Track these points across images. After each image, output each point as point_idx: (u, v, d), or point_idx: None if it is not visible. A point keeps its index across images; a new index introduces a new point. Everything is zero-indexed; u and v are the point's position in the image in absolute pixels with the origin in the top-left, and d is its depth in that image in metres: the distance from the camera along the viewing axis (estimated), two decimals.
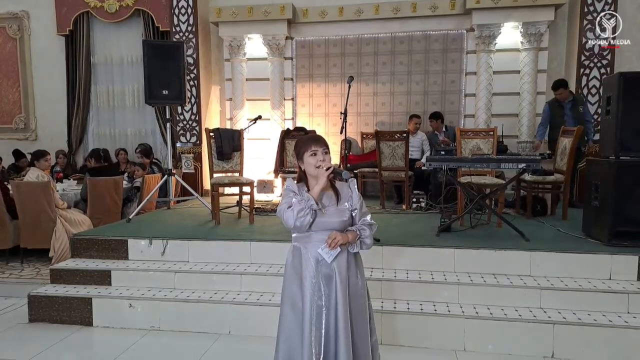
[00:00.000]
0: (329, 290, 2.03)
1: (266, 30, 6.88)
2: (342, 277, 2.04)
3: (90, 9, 7.37)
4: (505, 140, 6.13)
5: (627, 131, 3.57)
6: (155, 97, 5.16)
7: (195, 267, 3.80)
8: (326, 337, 2.00)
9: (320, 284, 2.03)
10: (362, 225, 2.10)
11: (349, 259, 2.09)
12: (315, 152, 2.06)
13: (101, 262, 3.97)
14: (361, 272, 2.17)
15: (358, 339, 2.07)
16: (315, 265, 2.04)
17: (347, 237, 2.03)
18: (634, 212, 3.50)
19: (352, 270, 2.10)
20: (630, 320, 3.02)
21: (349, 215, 2.10)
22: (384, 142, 5.47)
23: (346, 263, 2.07)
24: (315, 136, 2.17)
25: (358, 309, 2.09)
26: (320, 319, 2.01)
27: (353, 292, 2.07)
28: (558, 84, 5.58)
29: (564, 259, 3.43)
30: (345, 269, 2.06)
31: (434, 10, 6.57)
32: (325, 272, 2.04)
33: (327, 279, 2.03)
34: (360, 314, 2.10)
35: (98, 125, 7.88)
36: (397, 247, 3.68)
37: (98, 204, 5.29)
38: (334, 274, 2.03)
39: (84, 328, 3.56)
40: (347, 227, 2.08)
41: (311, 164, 2.05)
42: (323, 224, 2.04)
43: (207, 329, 3.42)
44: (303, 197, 2.00)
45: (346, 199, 2.11)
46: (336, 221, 2.05)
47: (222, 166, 5.05)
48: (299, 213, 1.97)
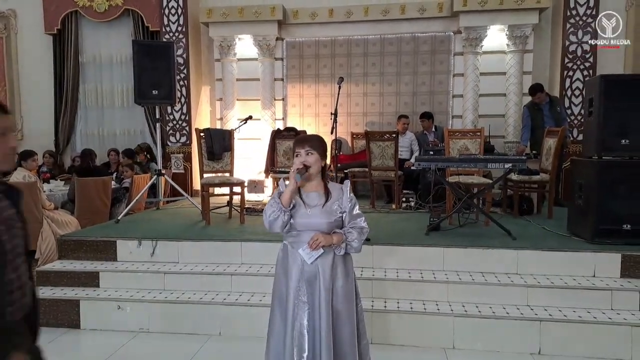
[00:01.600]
0: (313, 289, 2.04)
1: (257, 31, 6.88)
2: (325, 277, 2.04)
3: (79, 8, 7.30)
4: (492, 141, 6.22)
5: (609, 131, 3.66)
6: (145, 97, 5.14)
7: (185, 267, 3.79)
8: (309, 335, 2.01)
9: (304, 283, 2.04)
10: (350, 228, 2.09)
11: (335, 261, 2.08)
12: (298, 153, 2.07)
13: (89, 263, 3.93)
14: (349, 274, 2.14)
15: (343, 340, 2.06)
16: (301, 263, 2.05)
17: (331, 239, 2.03)
18: (616, 210, 3.58)
19: (338, 272, 2.09)
20: (614, 316, 3.10)
21: (338, 217, 2.09)
22: (374, 142, 5.51)
23: (331, 264, 2.06)
24: (302, 137, 2.16)
25: (344, 310, 2.07)
26: (302, 317, 2.02)
27: (338, 294, 2.07)
28: (535, 89, 5.70)
29: (549, 257, 3.50)
30: (329, 270, 2.05)
31: (422, 12, 6.64)
32: (309, 272, 2.05)
33: (311, 278, 2.05)
34: (347, 315, 2.08)
35: (86, 125, 7.81)
36: (387, 247, 3.72)
37: (86, 204, 5.25)
38: (318, 274, 2.04)
39: (71, 331, 3.53)
40: (334, 228, 2.07)
41: (295, 164, 2.07)
42: (309, 224, 2.05)
43: (197, 331, 3.41)
44: (274, 199, 2.03)
45: (336, 200, 2.10)
46: (323, 222, 2.05)
47: (212, 166, 5.04)
48: (270, 215, 2.02)
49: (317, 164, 2.07)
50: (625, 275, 3.38)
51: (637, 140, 3.63)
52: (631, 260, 3.38)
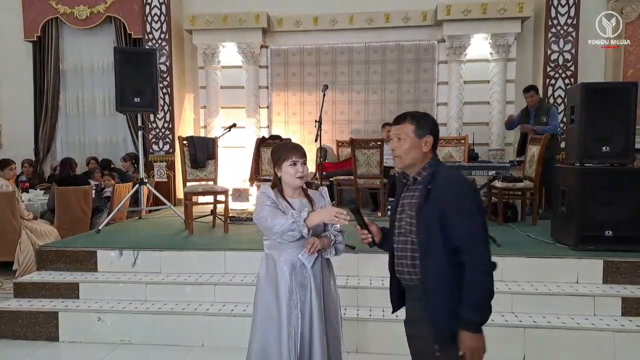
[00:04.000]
0: (304, 296, 2.06)
1: (241, 39, 6.86)
2: (317, 282, 2.08)
3: (59, 15, 7.21)
4: (476, 148, 6.26)
5: (590, 139, 3.71)
6: (127, 105, 5.07)
7: (167, 278, 3.71)
8: (302, 342, 2.03)
9: (295, 291, 2.05)
10: (335, 230, 2.15)
11: (323, 264, 2.14)
12: (296, 162, 2.06)
13: (69, 274, 3.84)
14: (333, 277, 2.23)
15: (331, 343, 2.12)
16: (290, 272, 2.06)
17: (324, 242, 2.07)
18: (598, 216, 3.62)
19: (325, 275, 2.15)
20: (597, 322, 3.12)
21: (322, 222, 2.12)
22: (359, 150, 5.51)
23: (320, 268, 2.11)
24: (295, 145, 2.16)
25: (331, 313, 2.15)
26: (297, 326, 2.03)
27: (327, 297, 2.13)
28: (528, 87, 5.63)
29: (533, 263, 3.52)
30: (319, 274, 2.10)
31: (407, 21, 6.70)
32: (300, 279, 2.07)
33: (302, 285, 2.07)
34: (334, 318, 2.16)
35: (67, 133, 7.68)
36: (372, 255, 3.68)
37: (66, 214, 5.13)
38: (308, 280, 2.07)
39: (49, 343, 3.43)
40: (319, 234, 2.11)
41: (290, 173, 2.06)
42: None
43: (180, 342, 3.34)
44: (297, 222, 1.96)
45: (319, 205, 2.15)
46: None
47: (195, 174, 4.98)
48: (289, 231, 1.96)
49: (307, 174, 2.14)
50: (608, 281, 3.41)
51: (618, 147, 3.69)
52: (613, 266, 3.42)
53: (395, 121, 1.78)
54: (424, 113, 1.84)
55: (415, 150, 1.72)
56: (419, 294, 1.72)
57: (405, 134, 1.73)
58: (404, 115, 1.78)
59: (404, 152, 1.73)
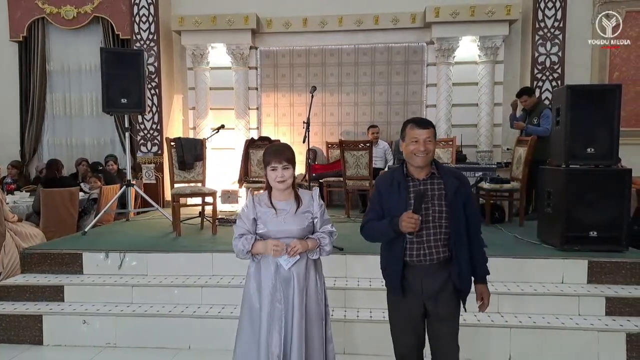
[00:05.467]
0: (287, 293, 2.10)
1: (230, 40, 6.84)
2: (299, 281, 2.12)
3: (45, 15, 7.13)
4: (464, 150, 6.31)
5: (575, 140, 3.74)
6: (114, 106, 5.03)
7: (154, 280, 3.68)
8: (284, 339, 2.07)
9: (278, 288, 2.10)
10: (322, 233, 2.18)
11: (308, 264, 2.17)
12: (275, 168, 2.11)
13: (54, 276, 3.79)
14: (320, 278, 2.25)
15: (312, 343, 2.15)
16: (274, 269, 2.12)
17: (307, 245, 2.11)
18: (583, 217, 3.65)
19: (311, 275, 2.18)
20: (581, 322, 3.15)
21: (310, 223, 2.17)
22: (348, 151, 5.52)
23: (305, 268, 2.15)
24: (278, 149, 2.18)
25: (315, 313, 2.17)
26: (279, 322, 2.08)
27: (311, 297, 2.16)
28: (519, 92, 5.61)
29: (520, 264, 3.54)
30: (303, 274, 2.14)
31: (396, 23, 6.73)
32: (283, 276, 2.12)
33: (285, 282, 2.11)
34: (317, 318, 2.18)
35: (54, 134, 7.59)
36: (361, 256, 3.70)
37: (52, 216, 5.07)
38: (292, 278, 2.11)
39: (33, 347, 3.39)
40: (306, 234, 2.15)
41: (271, 178, 2.13)
42: (282, 231, 2.12)
43: (166, 344, 3.31)
44: (246, 244, 2.11)
45: (307, 207, 2.18)
46: (295, 229, 2.12)
47: (183, 176, 4.95)
48: (238, 254, 2.16)
49: (292, 177, 2.16)
50: (592, 281, 3.45)
51: (602, 149, 3.73)
52: (597, 266, 3.45)
53: (423, 126, 2.03)
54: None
55: (435, 150, 2.09)
56: (443, 269, 2.05)
57: (432, 137, 2.04)
58: (428, 121, 2.08)
59: (434, 151, 2.06)
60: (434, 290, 2.06)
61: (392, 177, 2.08)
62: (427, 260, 2.04)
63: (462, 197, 2.04)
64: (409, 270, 2.07)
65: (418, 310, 2.10)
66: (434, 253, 2.03)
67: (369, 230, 2.14)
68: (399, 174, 2.08)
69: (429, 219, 2.02)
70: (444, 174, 2.06)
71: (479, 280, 2.14)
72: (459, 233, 2.03)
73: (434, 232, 2.02)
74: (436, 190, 2.04)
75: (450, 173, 2.09)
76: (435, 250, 2.03)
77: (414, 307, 2.09)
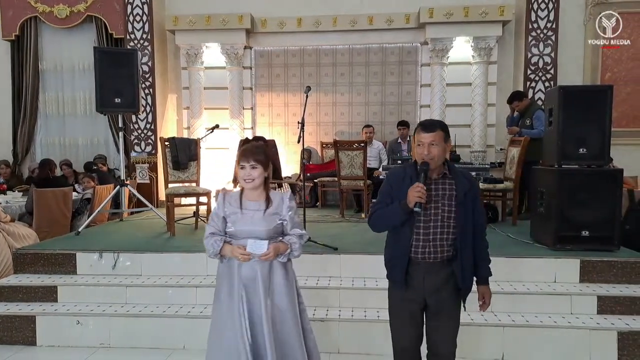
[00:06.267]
0: (251, 291, 2.16)
1: (224, 39, 6.83)
2: (264, 280, 2.17)
3: (38, 13, 7.08)
4: (458, 150, 6.33)
5: (568, 141, 3.77)
6: (108, 105, 5.01)
7: (148, 280, 3.67)
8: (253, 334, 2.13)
9: (243, 287, 2.16)
10: (293, 236, 2.21)
11: (274, 264, 2.21)
12: (243, 166, 2.15)
13: (47, 277, 3.77)
14: (288, 273, 2.27)
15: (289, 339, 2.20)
16: (239, 269, 2.17)
17: (279, 248, 2.16)
18: (575, 217, 3.69)
19: (277, 274, 2.22)
20: (573, 320, 3.18)
21: (278, 225, 2.20)
22: (343, 151, 5.53)
23: (269, 267, 2.19)
24: (248, 148, 2.21)
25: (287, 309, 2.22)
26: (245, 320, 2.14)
27: (279, 294, 2.21)
28: (510, 98, 5.65)
29: (513, 263, 3.57)
30: (267, 273, 2.19)
31: (390, 23, 6.75)
32: (248, 274, 2.16)
33: (249, 280, 2.16)
34: (288, 310, 2.22)
35: (46, 134, 7.54)
36: (355, 255, 3.71)
37: (45, 216, 5.04)
38: (257, 278, 2.16)
39: (26, 348, 3.37)
40: (274, 235, 2.18)
41: (240, 177, 2.17)
42: (249, 231, 2.15)
43: (160, 345, 3.31)
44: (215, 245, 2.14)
45: (277, 208, 2.20)
46: (262, 230, 2.15)
47: (177, 176, 4.94)
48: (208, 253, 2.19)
49: (261, 177, 2.16)
50: (584, 280, 3.48)
51: (594, 149, 3.76)
52: (589, 265, 3.49)
53: (428, 129, 2.05)
54: (444, 122, 2.17)
55: (444, 153, 2.08)
56: (446, 267, 2.10)
57: (438, 140, 2.04)
58: (433, 124, 2.09)
59: (438, 155, 2.04)
60: (435, 286, 2.09)
61: (405, 172, 2.11)
62: (431, 258, 2.07)
63: (471, 199, 2.08)
64: (412, 266, 2.10)
65: (418, 305, 2.13)
66: (439, 252, 2.07)
67: (377, 217, 2.16)
68: (412, 170, 2.11)
69: (437, 218, 2.06)
70: (456, 175, 2.09)
71: (481, 281, 2.18)
72: (466, 233, 2.07)
73: (441, 232, 2.06)
74: (447, 191, 2.07)
75: (461, 174, 2.11)
76: (440, 249, 2.07)
77: (414, 301, 2.12)
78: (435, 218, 2.05)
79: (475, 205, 2.10)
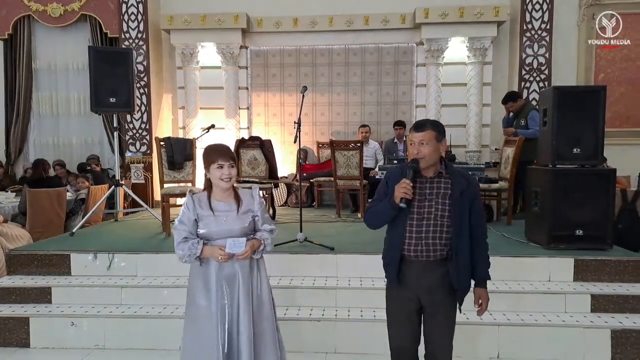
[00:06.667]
0: (232, 289, 2.17)
1: (220, 39, 6.81)
2: (244, 276, 2.19)
3: (32, 12, 7.03)
4: (454, 150, 6.35)
5: (562, 141, 3.79)
6: (102, 105, 4.98)
7: (143, 281, 3.66)
8: (229, 332, 2.15)
9: (223, 284, 2.17)
10: (264, 232, 2.26)
11: (252, 263, 2.25)
12: (222, 165, 2.14)
13: (41, 278, 3.74)
14: (264, 274, 2.32)
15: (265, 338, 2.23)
16: (218, 268, 2.17)
17: (254, 246, 2.19)
18: (569, 216, 3.71)
19: (254, 272, 2.25)
20: (567, 319, 3.21)
21: (251, 221, 2.23)
22: (339, 151, 5.53)
23: (249, 266, 2.22)
24: (224, 148, 2.23)
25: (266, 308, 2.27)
26: (224, 316, 2.15)
27: (255, 292, 2.24)
28: (504, 99, 5.67)
29: (508, 262, 3.58)
30: (248, 270, 2.21)
31: (386, 23, 6.76)
32: (228, 273, 2.18)
33: (230, 278, 2.18)
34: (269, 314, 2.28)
35: (40, 133, 7.50)
36: (352, 255, 3.72)
37: (38, 217, 5.01)
38: (237, 276, 2.18)
39: (20, 350, 3.34)
40: (248, 233, 2.21)
41: (216, 176, 2.15)
42: (223, 231, 2.16)
43: (156, 346, 3.30)
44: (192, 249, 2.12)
45: (248, 206, 2.23)
46: (237, 228, 2.17)
47: (173, 176, 4.92)
48: (184, 259, 2.16)
49: (235, 176, 2.21)
50: (578, 279, 3.50)
51: (588, 149, 3.79)
52: (583, 264, 3.51)
53: (418, 129, 2.05)
54: (438, 121, 2.14)
55: (436, 152, 2.05)
56: (441, 267, 2.08)
57: (428, 139, 2.02)
58: (424, 124, 2.08)
59: (429, 154, 2.03)
60: (429, 286, 2.08)
61: (402, 171, 2.10)
62: (424, 257, 2.06)
63: (468, 198, 2.06)
64: (406, 264, 2.10)
65: (413, 304, 2.12)
66: (432, 250, 2.05)
67: (370, 214, 2.18)
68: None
69: (430, 217, 2.05)
70: (453, 174, 2.08)
71: (478, 284, 2.16)
72: (461, 233, 2.05)
73: (434, 230, 2.04)
74: (442, 189, 2.06)
75: (458, 174, 2.09)
76: (433, 247, 2.05)
77: (409, 300, 2.12)
78: (429, 217, 2.05)
79: (473, 206, 2.07)
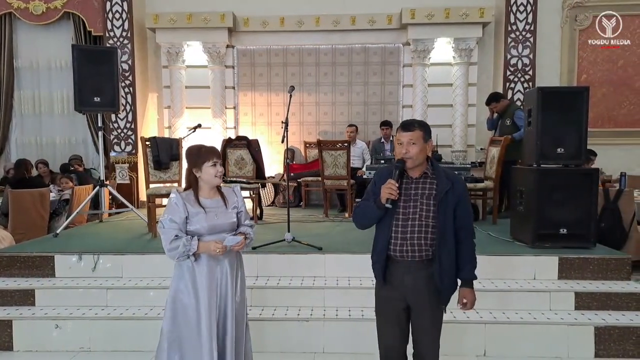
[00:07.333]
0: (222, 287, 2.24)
1: (206, 38, 6.76)
2: (233, 274, 2.28)
3: (13, 10, 6.89)
4: (440, 150, 6.42)
5: (546, 141, 3.85)
6: (86, 104, 4.91)
7: (129, 282, 3.62)
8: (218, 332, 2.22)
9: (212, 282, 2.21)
10: (247, 227, 2.35)
11: (238, 258, 2.35)
12: (216, 163, 2.24)
13: (24, 280, 3.68)
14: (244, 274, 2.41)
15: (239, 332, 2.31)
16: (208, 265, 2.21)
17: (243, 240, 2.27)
18: (553, 215, 3.77)
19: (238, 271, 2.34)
20: (552, 316, 3.26)
21: (236, 216, 2.32)
22: (326, 151, 5.54)
23: (236, 260, 2.33)
24: (213, 148, 2.32)
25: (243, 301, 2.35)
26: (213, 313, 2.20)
27: (241, 286, 2.35)
28: (487, 100, 5.72)
29: (494, 261, 3.63)
30: (234, 269, 2.30)
31: (372, 24, 6.79)
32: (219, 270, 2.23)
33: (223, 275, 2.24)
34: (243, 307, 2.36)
35: (22, 133, 7.35)
36: (340, 255, 3.73)
37: (21, 218, 4.91)
38: (224, 272, 2.25)
39: (3, 354, 3.28)
40: (234, 227, 2.30)
41: (211, 174, 2.24)
42: (216, 227, 2.23)
43: (142, 347, 3.26)
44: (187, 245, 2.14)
45: (233, 202, 2.32)
46: (226, 224, 2.27)
47: (159, 176, 4.87)
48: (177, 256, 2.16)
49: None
50: (562, 277, 3.56)
51: (571, 149, 3.85)
52: (567, 262, 3.58)
53: (406, 128, 2.06)
54: (425, 122, 2.15)
55: (423, 152, 2.06)
56: (426, 267, 2.08)
57: (416, 139, 2.03)
58: (412, 123, 2.08)
59: (416, 154, 2.04)
60: (415, 286, 2.09)
61: (390, 171, 2.11)
62: (409, 257, 2.06)
63: (453, 198, 2.04)
64: (392, 264, 2.11)
65: (400, 304, 2.13)
66: (417, 250, 2.05)
67: (357, 213, 2.20)
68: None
69: (415, 217, 2.05)
70: (439, 175, 2.07)
71: (464, 284, 2.16)
72: (445, 234, 2.04)
73: (419, 230, 2.05)
74: (427, 190, 2.06)
75: (444, 174, 2.08)
76: (418, 247, 2.05)
77: (396, 300, 2.13)
78: (414, 217, 2.05)
79: (459, 206, 2.06)
